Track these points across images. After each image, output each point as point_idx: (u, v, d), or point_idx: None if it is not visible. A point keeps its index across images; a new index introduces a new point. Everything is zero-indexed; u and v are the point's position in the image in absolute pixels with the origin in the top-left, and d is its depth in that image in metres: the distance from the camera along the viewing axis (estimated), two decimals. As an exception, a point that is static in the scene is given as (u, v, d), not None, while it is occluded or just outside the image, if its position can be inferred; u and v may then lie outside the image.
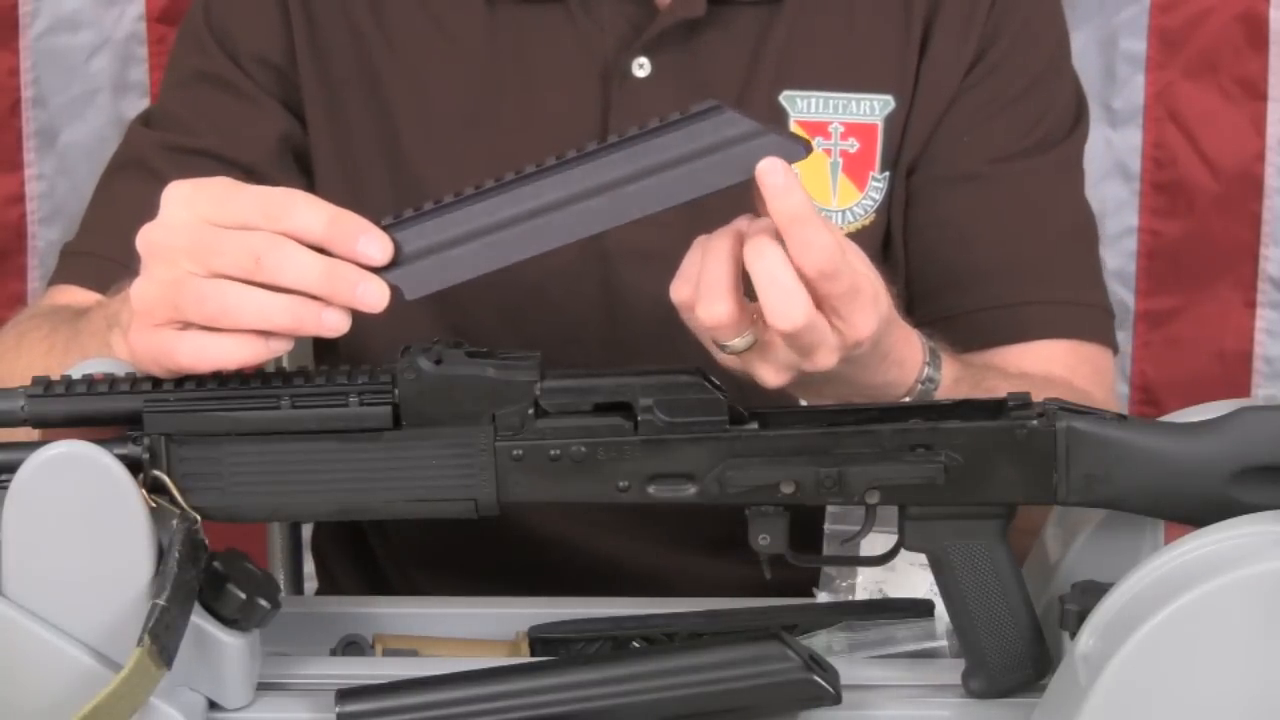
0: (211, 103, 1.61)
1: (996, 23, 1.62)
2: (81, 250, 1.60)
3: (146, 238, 1.20)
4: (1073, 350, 1.60)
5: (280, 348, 1.19)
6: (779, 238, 1.20)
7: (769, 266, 1.20)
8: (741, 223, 1.23)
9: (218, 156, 1.58)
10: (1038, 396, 1.26)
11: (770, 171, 1.19)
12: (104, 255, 1.55)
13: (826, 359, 1.24)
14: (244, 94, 1.61)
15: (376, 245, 1.18)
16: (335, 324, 1.18)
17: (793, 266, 1.19)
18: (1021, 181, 1.62)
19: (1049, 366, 1.56)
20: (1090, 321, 1.62)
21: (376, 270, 1.18)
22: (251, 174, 1.56)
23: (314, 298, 1.17)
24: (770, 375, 1.26)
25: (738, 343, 1.24)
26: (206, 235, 1.18)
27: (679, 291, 1.25)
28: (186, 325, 1.19)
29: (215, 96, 1.61)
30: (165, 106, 1.66)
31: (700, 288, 1.23)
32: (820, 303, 1.21)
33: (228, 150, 1.58)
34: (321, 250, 1.18)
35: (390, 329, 1.26)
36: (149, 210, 1.21)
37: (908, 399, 1.35)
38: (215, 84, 1.61)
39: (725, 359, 1.26)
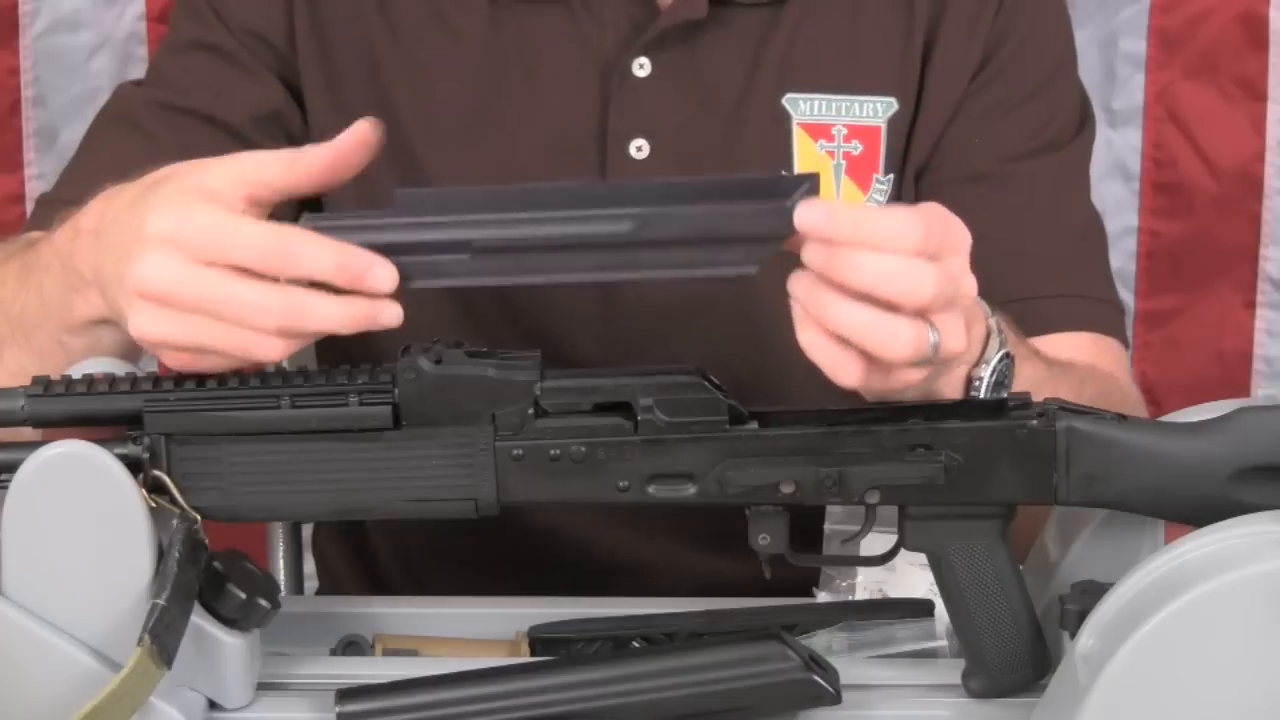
0: (205, 68, 1.60)
1: (1003, 26, 1.62)
2: (58, 198, 1.57)
3: (141, 283, 1.19)
4: (1093, 342, 1.59)
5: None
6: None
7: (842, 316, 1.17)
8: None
9: (207, 117, 1.57)
10: (1081, 384, 1.27)
11: (804, 215, 1.16)
12: (80, 204, 1.53)
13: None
14: (239, 63, 1.60)
15: (384, 277, 1.17)
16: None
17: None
18: (1032, 180, 1.62)
19: (1073, 357, 1.55)
20: (1106, 316, 1.62)
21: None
22: (238, 138, 1.56)
23: None
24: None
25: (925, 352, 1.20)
26: (214, 295, 1.17)
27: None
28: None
29: (209, 62, 1.60)
30: (158, 69, 1.65)
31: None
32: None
33: (218, 111, 1.57)
34: None
35: (389, 329, 1.25)
36: (132, 161, 1.21)
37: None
38: (210, 51, 1.60)
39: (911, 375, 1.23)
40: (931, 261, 1.17)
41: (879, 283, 1.16)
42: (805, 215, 1.16)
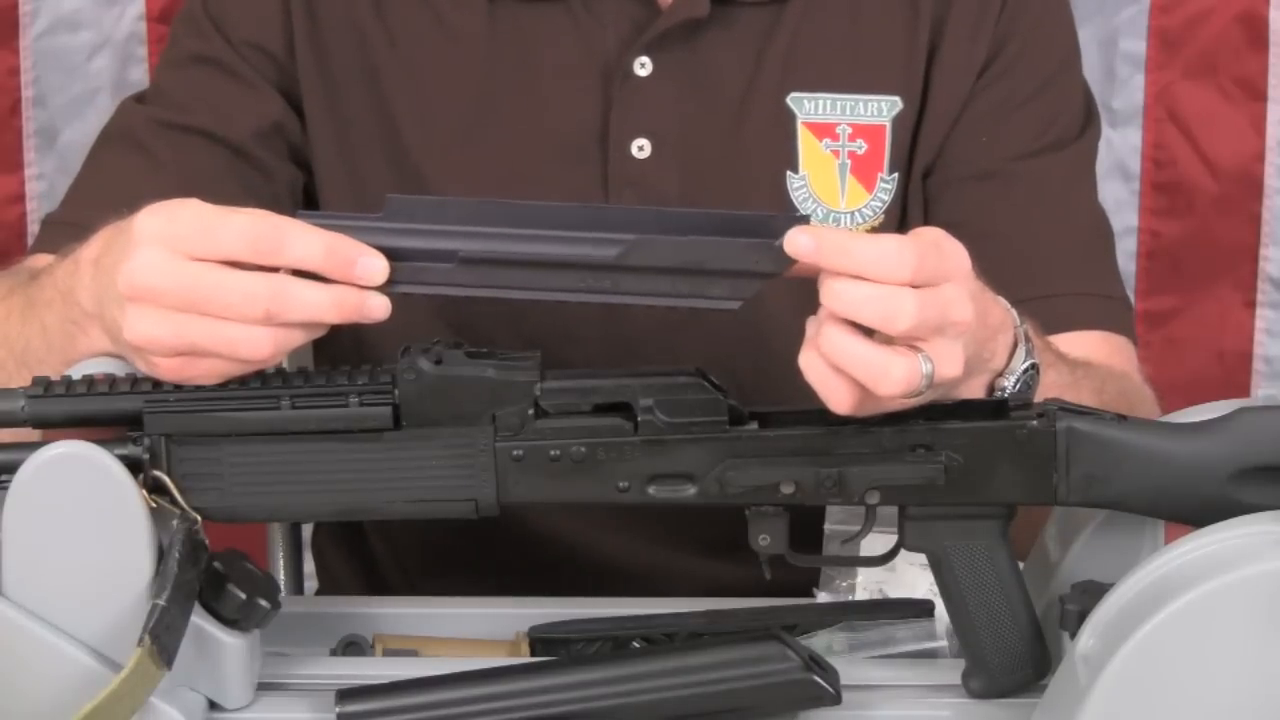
0: (205, 83, 1.60)
1: (1008, 25, 1.62)
2: (63, 220, 1.57)
3: (130, 281, 1.19)
4: (1104, 340, 1.59)
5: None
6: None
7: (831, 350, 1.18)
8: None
9: (208, 134, 1.57)
10: (1102, 385, 1.27)
11: (793, 240, 1.17)
12: (85, 226, 1.53)
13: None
14: (239, 76, 1.60)
15: (374, 268, 1.18)
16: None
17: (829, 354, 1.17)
18: (1040, 178, 1.62)
19: (1088, 356, 1.54)
20: (1117, 314, 1.62)
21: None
22: (240, 155, 1.57)
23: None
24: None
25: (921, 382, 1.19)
26: (200, 285, 1.17)
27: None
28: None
29: (209, 77, 1.60)
30: (159, 85, 1.65)
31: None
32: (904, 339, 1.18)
33: (218, 128, 1.57)
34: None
35: (389, 329, 1.26)
36: (134, 184, 1.20)
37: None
38: (210, 65, 1.60)
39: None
40: (922, 289, 1.17)
41: (856, 309, 1.16)
42: (794, 242, 1.17)
